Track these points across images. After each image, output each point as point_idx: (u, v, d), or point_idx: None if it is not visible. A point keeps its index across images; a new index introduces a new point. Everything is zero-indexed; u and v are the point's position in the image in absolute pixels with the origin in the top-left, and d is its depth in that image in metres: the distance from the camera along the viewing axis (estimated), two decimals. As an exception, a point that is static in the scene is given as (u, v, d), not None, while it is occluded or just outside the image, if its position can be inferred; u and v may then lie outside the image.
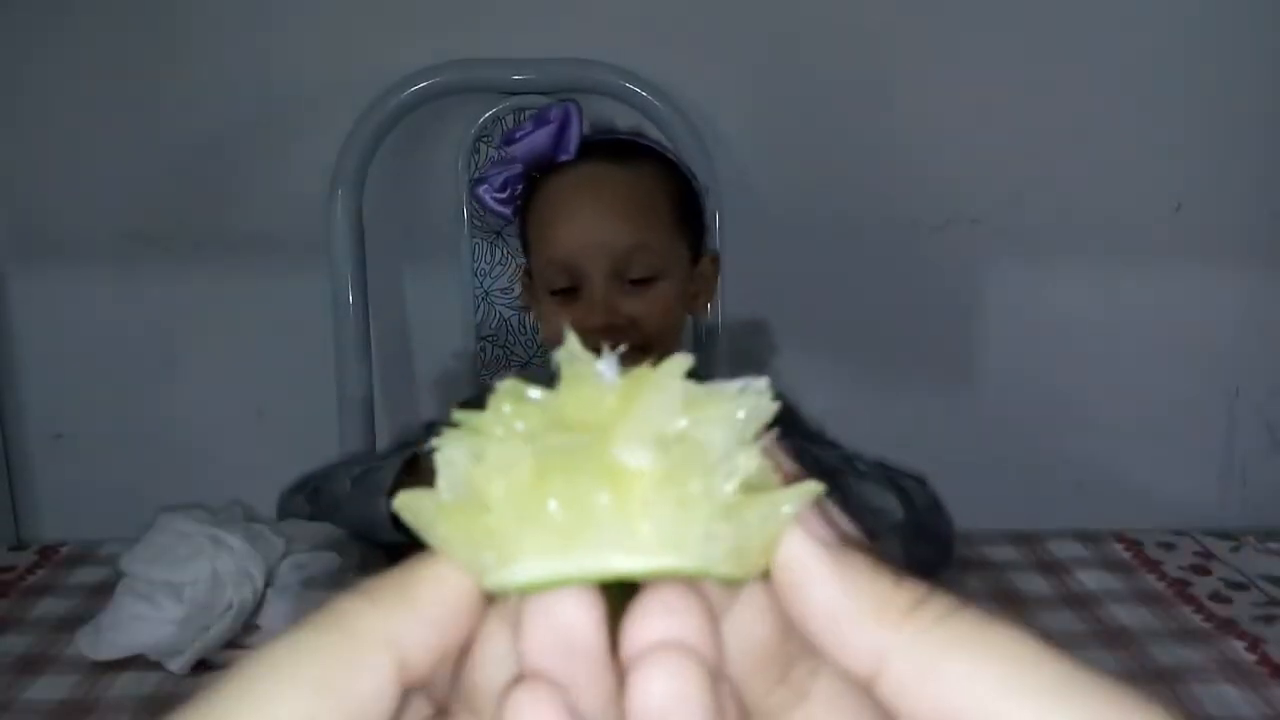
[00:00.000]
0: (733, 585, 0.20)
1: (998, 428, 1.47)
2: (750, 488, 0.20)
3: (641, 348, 0.90)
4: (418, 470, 0.87)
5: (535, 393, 0.20)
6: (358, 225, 1.29)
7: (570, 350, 0.20)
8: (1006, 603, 0.85)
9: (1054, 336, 1.47)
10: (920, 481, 0.87)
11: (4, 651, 0.78)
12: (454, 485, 0.20)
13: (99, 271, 1.41)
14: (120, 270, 1.40)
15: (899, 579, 0.20)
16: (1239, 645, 0.77)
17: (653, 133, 1.25)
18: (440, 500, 0.20)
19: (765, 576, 0.20)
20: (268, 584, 0.76)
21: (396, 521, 0.84)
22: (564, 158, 0.94)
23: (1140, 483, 1.48)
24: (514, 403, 0.20)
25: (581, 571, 0.19)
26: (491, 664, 0.21)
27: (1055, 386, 1.48)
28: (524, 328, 1.33)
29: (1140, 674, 0.74)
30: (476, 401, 0.21)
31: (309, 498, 0.93)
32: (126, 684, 0.73)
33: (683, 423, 0.20)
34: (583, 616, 0.20)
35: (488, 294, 1.34)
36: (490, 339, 1.34)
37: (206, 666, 0.74)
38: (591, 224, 0.91)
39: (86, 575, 0.90)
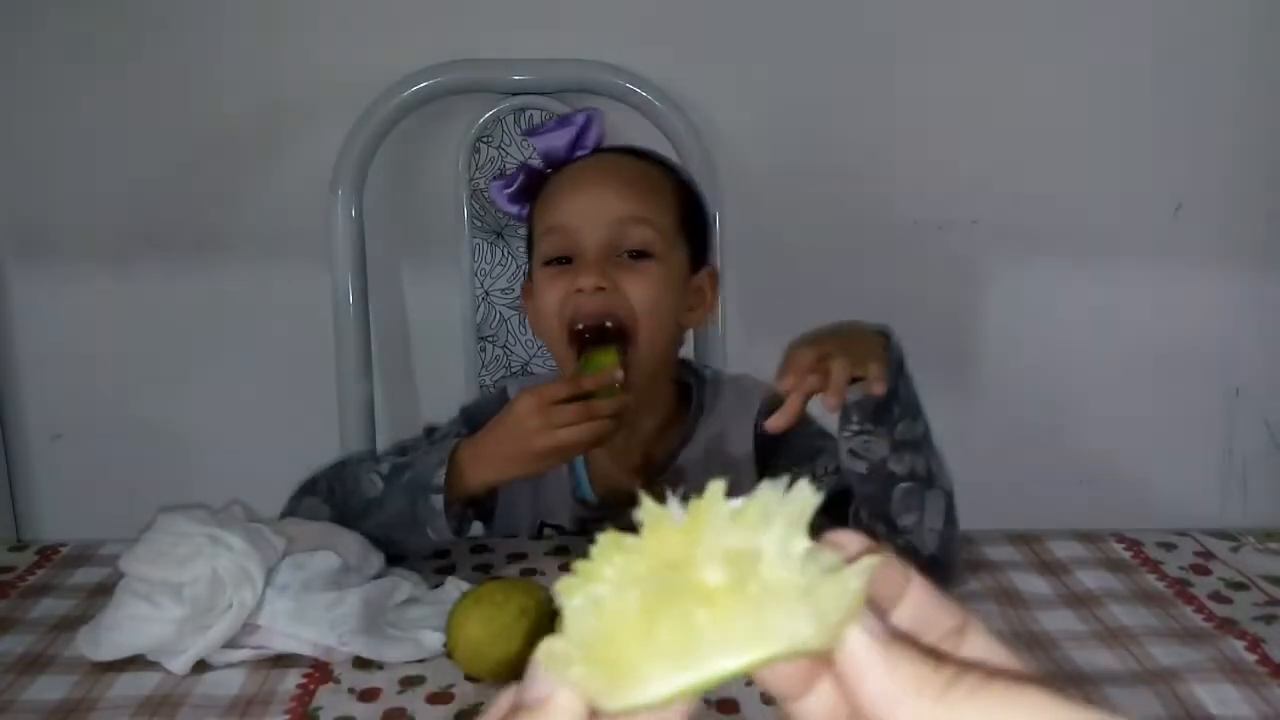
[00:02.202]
0: (822, 653, 0.24)
1: (998, 428, 1.46)
2: (816, 565, 0.24)
3: (623, 333, 0.90)
4: (458, 464, 0.87)
5: (629, 540, 0.25)
6: (358, 225, 1.29)
7: (647, 507, 0.25)
8: (1006, 603, 0.84)
9: (1054, 336, 1.47)
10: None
11: (4, 651, 0.78)
12: (582, 629, 0.25)
13: (99, 271, 1.41)
14: (120, 270, 1.41)
15: (937, 663, 0.24)
16: (1239, 645, 0.77)
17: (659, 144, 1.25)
18: (575, 644, 0.25)
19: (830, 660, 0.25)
20: (268, 584, 0.76)
21: (448, 516, 0.85)
22: (579, 154, 0.97)
23: (1140, 483, 1.48)
24: (615, 551, 0.25)
25: (696, 681, 0.23)
26: None
27: (1055, 386, 1.48)
28: (524, 328, 1.33)
29: (1140, 674, 0.74)
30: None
31: (326, 499, 0.92)
32: (126, 684, 0.73)
33: (737, 537, 0.24)
34: None
35: (488, 294, 1.34)
36: (490, 339, 1.35)
37: (206, 666, 0.74)
38: (595, 196, 0.93)
39: (86, 575, 0.90)
